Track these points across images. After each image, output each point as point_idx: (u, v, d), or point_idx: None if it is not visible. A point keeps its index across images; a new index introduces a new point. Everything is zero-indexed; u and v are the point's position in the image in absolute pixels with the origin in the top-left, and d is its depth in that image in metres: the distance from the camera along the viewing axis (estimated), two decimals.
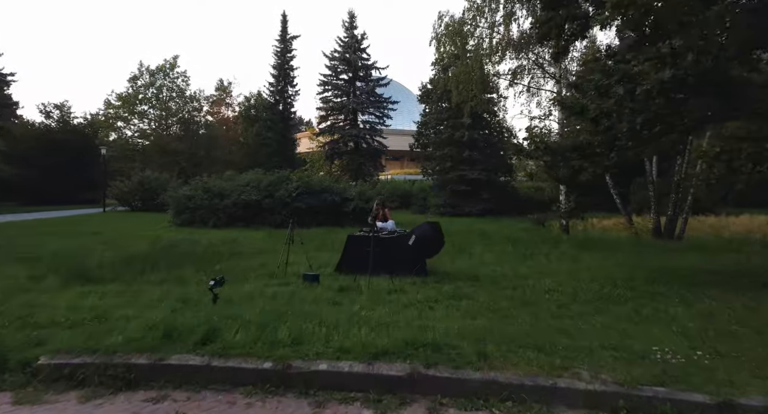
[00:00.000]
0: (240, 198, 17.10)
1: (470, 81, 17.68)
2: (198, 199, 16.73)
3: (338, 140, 36.96)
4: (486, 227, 20.91)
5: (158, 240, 12.79)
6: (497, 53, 17.02)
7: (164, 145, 31.38)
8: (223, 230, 15.90)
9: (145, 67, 36.41)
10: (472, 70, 17.37)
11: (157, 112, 35.13)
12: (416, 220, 28.51)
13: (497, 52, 17.00)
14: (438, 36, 18.80)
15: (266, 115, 36.62)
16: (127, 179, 28.48)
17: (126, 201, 28.09)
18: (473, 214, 30.48)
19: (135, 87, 35.98)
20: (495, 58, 17.24)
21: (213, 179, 18.14)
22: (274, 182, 18.36)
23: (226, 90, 43.66)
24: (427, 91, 38.59)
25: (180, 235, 14.08)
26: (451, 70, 19.18)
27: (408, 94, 70.55)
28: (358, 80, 38.44)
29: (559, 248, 12.28)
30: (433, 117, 32.89)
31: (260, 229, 16.74)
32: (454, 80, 18.52)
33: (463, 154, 30.53)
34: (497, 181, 31.71)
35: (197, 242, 12.17)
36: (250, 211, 17.33)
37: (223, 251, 10.92)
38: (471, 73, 17.47)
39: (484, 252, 11.61)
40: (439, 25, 19.21)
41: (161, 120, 34.26)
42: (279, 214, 17.64)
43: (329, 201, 19.36)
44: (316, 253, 10.69)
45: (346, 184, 20.93)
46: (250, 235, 14.26)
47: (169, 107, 36.35)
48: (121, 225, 19.08)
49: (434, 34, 19.05)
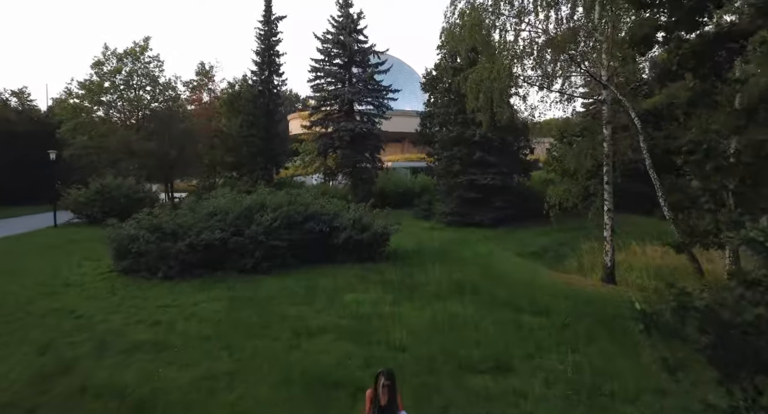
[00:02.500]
0: (199, 238, 13.24)
1: (493, 89, 13.64)
2: (143, 242, 12.84)
3: (332, 133, 32.82)
4: (488, 259, 17.11)
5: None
6: (531, 54, 12.95)
7: (129, 143, 27.18)
8: (170, 287, 12.08)
9: (111, 50, 31.95)
10: (496, 75, 13.30)
11: (125, 104, 30.74)
12: (421, 236, 24.81)
13: (531, 53, 12.94)
14: (451, 27, 14.63)
15: (249, 108, 32.35)
16: (84, 187, 24.50)
17: (83, 213, 24.11)
18: (485, 224, 26.70)
19: (100, 73, 31.58)
20: (529, 62, 13.18)
21: (166, 212, 14.19)
22: (244, 214, 14.49)
23: (207, 75, 39.21)
24: (432, 78, 34.33)
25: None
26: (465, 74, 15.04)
27: (409, 72, 65.91)
28: (354, 65, 34.03)
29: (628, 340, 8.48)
30: (441, 110, 28.76)
31: (224, 280, 12.95)
32: (473, 87, 14.39)
33: (473, 156, 26.59)
34: (513, 186, 27.77)
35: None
36: (212, 254, 13.51)
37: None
38: (493, 79, 13.42)
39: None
40: (452, 12, 15.07)
41: (129, 111, 29.88)
42: (250, 256, 13.84)
43: (315, 232, 15.56)
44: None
45: (339, 208, 17.02)
46: (197, 307, 10.42)
47: (140, 97, 32.05)
48: (41, 261, 15.25)
49: (446, 25, 14.85)
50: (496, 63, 13.31)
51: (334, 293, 11.85)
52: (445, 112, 28.24)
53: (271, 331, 9.04)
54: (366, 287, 12.67)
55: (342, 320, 9.77)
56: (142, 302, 10.72)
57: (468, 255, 18.39)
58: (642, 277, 16.62)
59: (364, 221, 15.99)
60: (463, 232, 25.58)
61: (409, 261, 16.33)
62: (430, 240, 21.77)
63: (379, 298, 11.44)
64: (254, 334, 8.85)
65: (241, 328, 9.07)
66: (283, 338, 8.63)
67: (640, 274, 17.06)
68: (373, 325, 9.40)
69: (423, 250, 18.47)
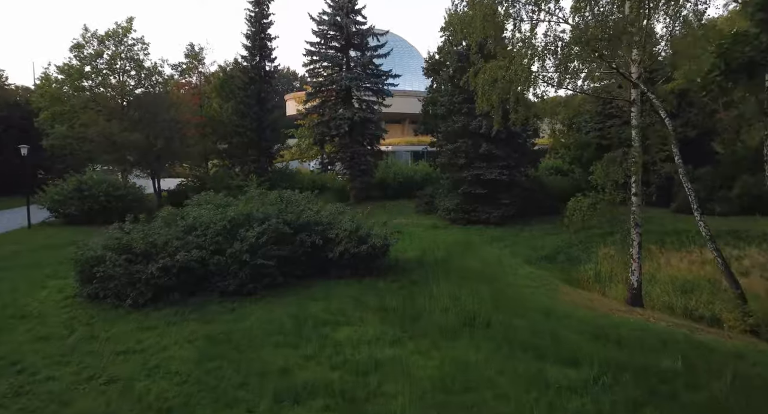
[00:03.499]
0: (174, 259, 11.64)
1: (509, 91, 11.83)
2: (109, 265, 11.23)
3: (329, 121, 30.92)
4: (498, 270, 15.45)
5: None
6: (555, 53, 11.12)
7: (111, 135, 25.29)
8: (139, 320, 10.51)
9: (92, 32, 29.75)
10: (513, 76, 11.47)
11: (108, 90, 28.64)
12: (423, 237, 23.17)
13: (554, 51, 11.10)
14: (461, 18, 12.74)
15: (239, 97, 30.33)
16: (61, 181, 22.77)
17: (60, 211, 22.41)
18: (491, 222, 25.14)
19: (80, 57, 29.47)
20: (552, 60, 11.33)
21: (138, 230, 12.49)
22: (226, 228, 12.85)
23: (197, 57, 36.96)
24: (434, 63, 32.26)
25: None
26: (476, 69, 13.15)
27: (410, 50, 63.56)
28: (352, 48, 31.94)
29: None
30: (445, 99, 26.84)
31: (202, 306, 11.41)
32: (486, 89, 12.53)
33: (479, 149, 24.84)
34: (520, 181, 26.06)
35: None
36: (189, 276, 11.95)
37: None
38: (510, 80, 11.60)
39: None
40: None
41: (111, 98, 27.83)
42: (234, 277, 12.26)
43: (307, 245, 13.97)
44: None
45: (335, 215, 15.39)
46: (164, 353, 8.83)
47: (124, 83, 30.00)
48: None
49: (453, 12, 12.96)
50: (515, 62, 11.50)
51: (326, 327, 10.33)
52: (449, 101, 26.33)
53: (248, 393, 7.51)
54: (363, 316, 11.14)
55: (334, 373, 8.24)
56: (101, 346, 9.16)
57: (475, 265, 16.85)
58: (668, 292, 15.14)
59: (360, 233, 14.37)
60: (468, 231, 24.02)
61: (411, 275, 14.79)
62: (434, 243, 20.19)
63: (377, 335, 9.91)
64: (227, 399, 7.33)
65: (211, 391, 7.54)
66: (262, 408, 7.11)
67: (665, 288, 15.58)
68: (370, 382, 7.87)
69: (426, 259, 16.91)
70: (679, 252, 18.70)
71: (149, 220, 14.02)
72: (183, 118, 29.61)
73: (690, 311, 13.55)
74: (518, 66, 11.34)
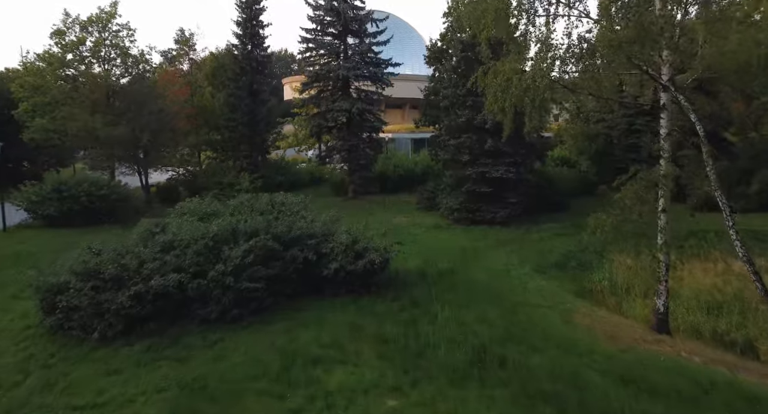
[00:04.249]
0: (148, 285, 10.36)
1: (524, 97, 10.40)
2: (74, 294, 9.94)
3: (325, 114, 29.36)
4: (506, 284, 13.95)
5: None
6: (581, 58, 9.68)
7: (93, 130, 23.76)
8: (104, 359, 9.25)
9: (73, 17, 27.97)
10: (531, 83, 10.02)
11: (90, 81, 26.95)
12: (426, 241, 21.89)
13: (580, 57, 9.66)
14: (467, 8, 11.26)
15: (230, 89, 28.69)
16: (40, 181, 21.39)
17: (39, 213, 21.02)
18: (496, 222, 23.79)
19: (61, 44, 27.76)
20: (576, 66, 9.89)
21: (108, 256, 11.09)
22: (208, 249, 11.54)
23: (187, 43, 35.24)
24: (437, 50, 30.54)
25: None
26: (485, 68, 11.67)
27: (410, 32, 61.61)
28: (349, 35, 30.18)
29: None
30: (448, 91, 25.26)
31: (178, 341, 10.16)
32: (499, 95, 11.07)
33: (484, 145, 23.35)
34: (528, 178, 24.67)
35: None
36: (166, 304, 10.69)
37: None
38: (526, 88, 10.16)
39: None
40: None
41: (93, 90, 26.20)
42: (217, 302, 10.99)
43: (299, 261, 12.69)
44: None
45: (328, 226, 14.09)
46: (124, 412, 7.60)
47: (109, 73, 28.34)
48: None
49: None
50: (533, 66, 10.07)
51: (317, 368, 9.11)
52: (453, 93, 24.76)
53: None
54: (359, 350, 9.92)
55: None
56: (56, 399, 7.94)
57: (482, 277, 15.60)
58: (692, 310, 13.83)
59: (357, 247, 13.07)
60: (473, 233, 22.69)
61: (412, 292, 13.55)
62: (436, 250, 18.92)
63: (375, 381, 8.68)
64: None
65: None
66: None
67: (689, 304, 14.25)
68: None
69: (428, 271, 15.64)
70: (701, 260, 17.39)
71: (134, 219, 12.66)
72: (172, 110, 28.01)
73: (720, 335, 12.30)
74: (537, 70, 9.90)
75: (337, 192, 32.20)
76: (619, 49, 9.04)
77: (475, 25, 11.11)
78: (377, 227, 23.29)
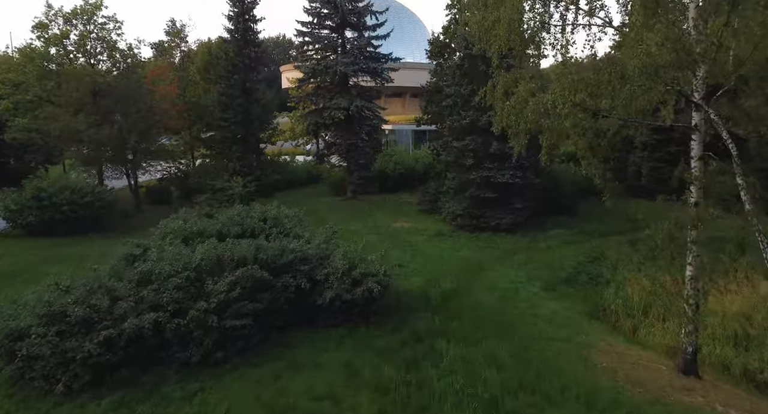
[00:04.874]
0: (121, 328, 9.26)
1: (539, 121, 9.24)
2: (34, 342, 8.84)
3: (322, 111, 28.06)
4: (514, 308, 12.75)
5: None
6: (610, 83, 8.45)
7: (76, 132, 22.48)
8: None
9: (56, 9, 26.50)
10: (551, 107, 8.83)
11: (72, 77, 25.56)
12: (428, 252, 20.75)
13: (609, 81, 8.44)
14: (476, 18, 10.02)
15: (221, 88, 27.30)
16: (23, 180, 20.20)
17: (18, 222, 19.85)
18: (501, 229, 22.70)
19: (44, 38, 26.34)
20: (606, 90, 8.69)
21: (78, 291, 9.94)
22: (190, 281, 10.41)
23: (178, 34, 33.77)
24: (439, 44, 29.12)
25: None
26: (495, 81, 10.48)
27: (411, 18, 59.78)
28: (348, 28, 28.75)
29: None
30: (451, 90, 23.93)
31: (154, 391, 9.08)
32: (513, 119, 9.89)
33: (489, 148, 22.14)
34: (534, 183, 23.47)
35: None
36: (140, 349, 9.60)
37: None
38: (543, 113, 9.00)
39: None
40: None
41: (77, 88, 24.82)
42: (198, 344, 9.92)
43: (291, 289, 11.60)
44: None
45: (323, 250, 12.96)
46: None
47: (95, 68, 26.94)
48: None
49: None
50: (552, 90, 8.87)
51: None
52: (456, 92, 23.45)
53: None
54: (356, 404, 8.89)
55: None
56: None
57: (489, 300, 14.58)
58: (719, 341, 12.76)
59: (355, 274, 11.97)
60: (477, 241, 21.62)
61: (414, 322, 12.47)
62: (439, 263, 17.87)
63: None
64: None
65: None
66: None
67: (713, 332, 13.19)
68: None
69: (431, 293, 14.55)
70: (720, 276, 16.30)
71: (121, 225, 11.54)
72: (162, 108, 26.69)
73: (752, 374, 11.29)
74: (557, 95, 8.72)
75: (336, 191, 31.08)
76: (656, 75, 7.82)
77: (485, 36, 9.87)
78: (376, 234, 22.44)
